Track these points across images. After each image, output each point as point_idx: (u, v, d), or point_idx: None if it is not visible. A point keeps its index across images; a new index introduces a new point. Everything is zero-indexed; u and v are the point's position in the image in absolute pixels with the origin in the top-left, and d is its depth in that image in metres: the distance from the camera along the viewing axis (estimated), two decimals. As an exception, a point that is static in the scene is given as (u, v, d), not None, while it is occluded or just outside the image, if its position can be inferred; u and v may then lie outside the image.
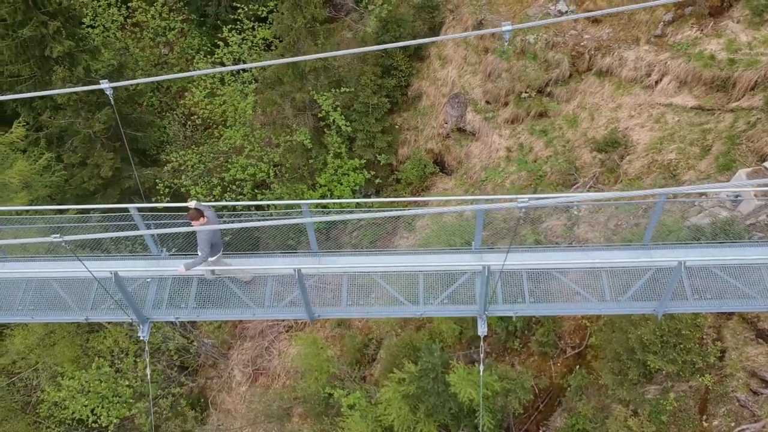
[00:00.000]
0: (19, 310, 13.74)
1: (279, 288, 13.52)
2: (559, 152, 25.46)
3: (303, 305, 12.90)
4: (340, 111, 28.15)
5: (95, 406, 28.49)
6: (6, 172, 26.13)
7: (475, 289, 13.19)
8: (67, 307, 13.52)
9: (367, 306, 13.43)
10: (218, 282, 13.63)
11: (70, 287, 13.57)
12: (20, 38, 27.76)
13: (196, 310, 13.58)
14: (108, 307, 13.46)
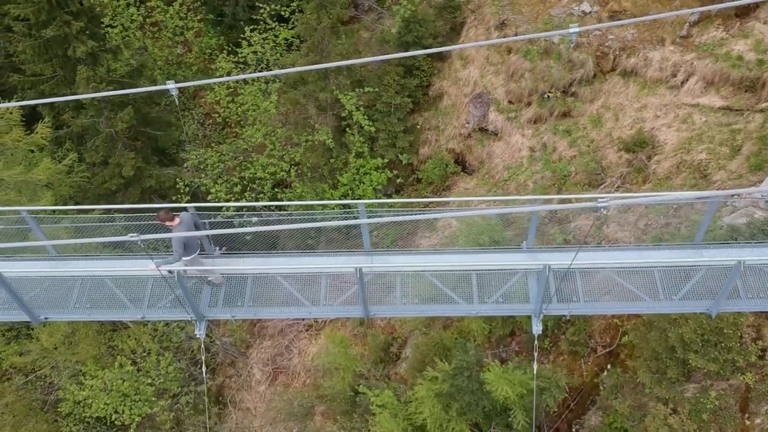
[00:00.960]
0: (76, 309, 13.85)
1: (332, 287, 13.62)
2: (584, 152, 25.59)
3: (357, 304, 13.00)
4: (363, 111, 28.26)
5: (118, 404, 28.60)
6: (32, 171, 26.21)
7: (528, 288, 13.31)
8: (124, 305, 13.63)
9: (421, 305, 13.55)
10: (272, 280, 13.75)
11: (124, 286, 13.67)
12: (43, 38, 27.83)
13: (253, 308, 13.69)
14: (164, 306, 13.57)
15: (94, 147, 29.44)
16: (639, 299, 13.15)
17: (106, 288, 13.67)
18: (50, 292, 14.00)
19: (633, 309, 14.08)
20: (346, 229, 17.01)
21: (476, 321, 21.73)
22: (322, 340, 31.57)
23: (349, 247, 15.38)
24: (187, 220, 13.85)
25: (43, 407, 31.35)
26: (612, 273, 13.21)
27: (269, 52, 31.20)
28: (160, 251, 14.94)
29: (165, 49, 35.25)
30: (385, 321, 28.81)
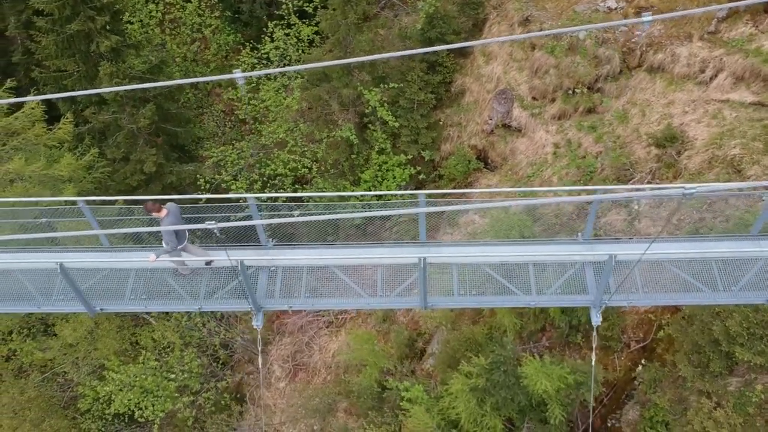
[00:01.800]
0: (131, 300, 13.83)
1: (388, 277, 13.60)
2: (610, 148, 25.58)
3: (414, 295, 12.99)
4: (387, 107, 28.25)
5: (140, 400, 28.56)
6: (54, 166, 26.15)
7: (586, 279, 13.31)
8: (180, 296, 13.61)
9: (479, 296, 13.53)
10: (328, 272, 13.74)
11: (178, 277, 13.66)
12: (66, 33, 27.78)
13: (310, 299, 13.68)
14: (221, 297, 13.56)
15: (115, 143, 29.39)
16: (698, 290, 13.15)
17: (161, 279, 13.66)
18: (105, 283, 13.99)
19: (692, 300, 14.04)
20: (363, 227, 17.00)
21: (508, 316, 21.70)
22: (343, 337, 31.56)
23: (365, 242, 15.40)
24: (174, 210, 14.10)
25: (62, 404, 31.31)
26: (670, 264, 13.20)
27: (291, 49, 31.15)
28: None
29: (183, 46, 35.20)
30: (408, 317, 28.80)
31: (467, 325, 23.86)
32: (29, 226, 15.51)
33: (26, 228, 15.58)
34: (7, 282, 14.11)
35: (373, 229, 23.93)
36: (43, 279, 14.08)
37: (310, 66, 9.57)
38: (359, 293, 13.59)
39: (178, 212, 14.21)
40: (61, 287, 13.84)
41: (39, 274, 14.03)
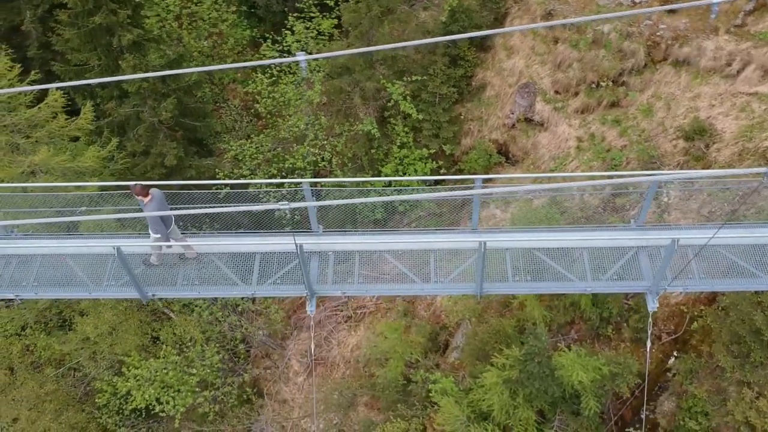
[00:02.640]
0: (183, 286, 13.80)
1: (443, 263, 13.58)
2: (635, 141, 25.57)
3: (469, 281, 12.96)
4: (409, 100, 28.22)
5: (160, 394, 28.48)
6: (78, 159, 26.08)
7: (640, 265, 13.29)
8: (233, 282, 13.57)
9: (534, 282, 13.52)
10: (380, 257, 13.72)
11: (231, 262, 13.64)
12: (88, 27, 27.71)
13: (363, 285, 13.65)
14: (274, 282, 13.52)
15: (136, 136, 29.32)
16: (755, 276, 13.13)
17: (212, 265, 13.62)
18: (157, 269, 13.95)
19: (751, 286, 13.98)
20: (383, 222, 16.97)
21: (538, 308, 21.71)
22: (362, 331, 31.54)
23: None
24: (158, 196, 14.31)
25: (78, 398, 31.24)
26: (724, 250, 13.18)
27: (311, 42, 31.12)
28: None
29: (200, 41, 35.15)
30: (430, 311, 28.77)
31: (494, 317, 23.82)
32: (68, 214, 15.50)
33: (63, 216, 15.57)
34: (58, 268, 14.06)
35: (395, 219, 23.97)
36: (94, 265, 14.05)
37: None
38: (413, 279, 13.56)
39: (162, 199, 14.49)
40: (112, 273, 13.80)
41: (89, 260, 14.00)
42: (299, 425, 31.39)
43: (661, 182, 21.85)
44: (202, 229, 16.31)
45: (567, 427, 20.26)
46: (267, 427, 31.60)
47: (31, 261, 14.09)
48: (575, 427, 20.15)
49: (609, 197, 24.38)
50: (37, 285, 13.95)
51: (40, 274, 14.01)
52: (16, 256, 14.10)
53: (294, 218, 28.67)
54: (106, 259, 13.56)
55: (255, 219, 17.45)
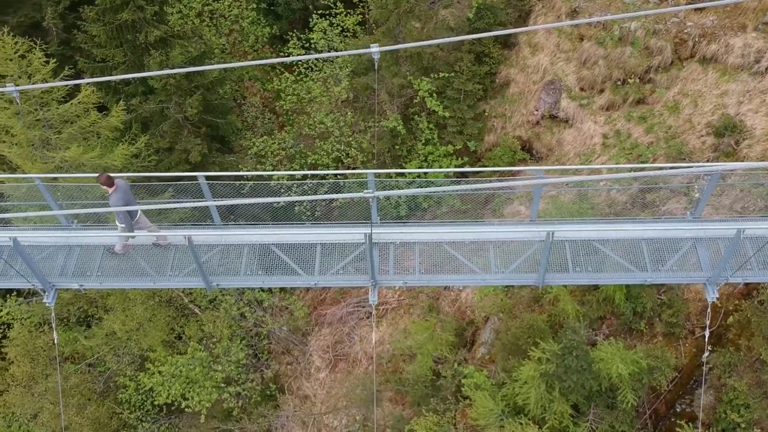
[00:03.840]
0: (247, 275, 13.94)
1: (501, 254, 13.71)
2: (661, 138, 25.72)
3: (530, 272, 13.10)
4: (435, 97, 28.38)
5: (185, 390, 28.59)
6: (107, 155, 26.19)
7: (698, 256, 13.44)
8: (294, 272, 13.71)
9: (595, 273, 13.67)
10: (438, 248, 13.85)
11: (292, 252, 13.77)
12: (114, 23, 27.84)
13: (425, 275, 13.78)
14: (337, 272, 13.66)
15: (160, 132, 29.47)
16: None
17: (273, 255, 13.75)
18: (219, 259, 14.08)
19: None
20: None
21: (571, 303, 21.85)
22: (385, 327, 31.67)
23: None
24: (123, 186, 14.71)
25: (99, 393, 31.38)
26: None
27: (336, 39, 31.26)
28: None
29: (222, 37, 35.28)
30: (455, 307, 28.89)
31: (524, 313, 23.97)
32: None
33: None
34: (121, 258, 14.19)
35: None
36: (156, 255, 14.19)
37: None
38: (473, 269, 13.70)
39: (127, 189, 14.85)
40: (175, 263, 13.94)
41: (152, 250, 14.14)
42: (321, 421, 31.51)
43: (692, 178, 22.09)
44: (227, 222, 16.58)
45: (602, 421, 20.39)
46: (288, 422, 31.73)
47: (93, 251, 14.24)
48: (610, 421, 20.29)
49: (638, 193, 24.50)
50: (101, 275, 14.10)
51: (103, 264, 14.15)
52: (78, 246, 14.25)
53: (314, 213, 28.83)
54: (168, 248, 13.70)
55: (273, 212, 17.67)
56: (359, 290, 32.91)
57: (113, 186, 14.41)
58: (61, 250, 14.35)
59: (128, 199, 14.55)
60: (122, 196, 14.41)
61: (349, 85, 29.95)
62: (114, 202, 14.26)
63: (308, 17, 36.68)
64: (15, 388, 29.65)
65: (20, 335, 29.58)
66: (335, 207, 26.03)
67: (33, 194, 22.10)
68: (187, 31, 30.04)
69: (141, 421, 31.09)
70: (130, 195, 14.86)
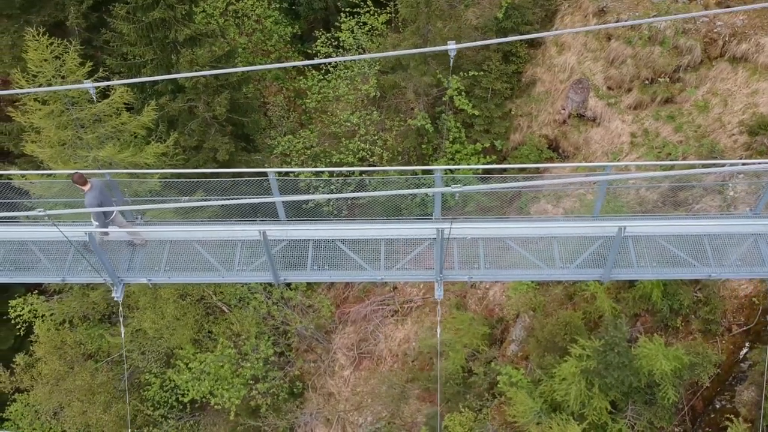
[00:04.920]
0: (314, 270, 14.08)
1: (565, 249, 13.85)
2: (691, 137, 25.88)
3: (594, 267, 13.24)
4: (464, 95, 28.52)
5: (214, 387, 28.72)
6: (139, 154, 26.30)
7: (761, 252, 13.60)
8: (360, 267, 13.86)
9: (660, 267, 13.82)
10: (499, 242, 13.99)
11: (357, 247, 13.93)
12: (144, 22, 27.93)
13: (490, 270, 13.93)
14: (403, 266, 13.80)
15: (188, 131, 29.56)
16: None
17: (337, 250, 13.89)
18: (285, 253, 14.22)
19: None
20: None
21: (607, 301, 21.98)
22: (410, 325, 31.82)
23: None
24: (98, 184, 15.18)
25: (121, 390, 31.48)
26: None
27: (363, 38, 31.39)
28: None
29: (244, 36, 35.42)
30: (482, 305, 29.03)
31: (558, 310, 24.11)
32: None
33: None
34: (188, 253, 14.33)
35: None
36: (222, 249, 14.33)
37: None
38: (537, 264, 13.85)
39: (102, 188, 15.31)
40: (242, 258, 14.08)
41: (219, 245, 14.28)
42: (346, 418, 31.65)
43: (726, 176, 22.25)
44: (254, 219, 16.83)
45: (640, 417, 20.55)
46: (311, 420, 31.89)
47: (160, 247, 14.39)
48: (648, 417, 20.46)
49: (669, 191, 24.64)
50: (169, 270, 14.25)
51: (170, 259, 14.32)
52: (147, 242, 14.39)
53: (332, 210, 28.93)
54: (235, 244, 13.86)
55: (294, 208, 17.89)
56: (383, 288, 33.06)
57: (87, 185, 14.95)
58: (126, 245, 14.49)
59: (103, 198, 15.05)
60: (97, 195, 14.93)
61: (377, 83, 30.06)
62: (89, 200, 14.77)
63: (329, 16, 36.87)
64: (43, 386, 29.74)
65: (49, 333, 29.70)
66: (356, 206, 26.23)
67: (64, 192, 22.34)
68: (216, 30, 30.08)
69: (165, 418, 31.27)
70: (106, 193, 15.35)
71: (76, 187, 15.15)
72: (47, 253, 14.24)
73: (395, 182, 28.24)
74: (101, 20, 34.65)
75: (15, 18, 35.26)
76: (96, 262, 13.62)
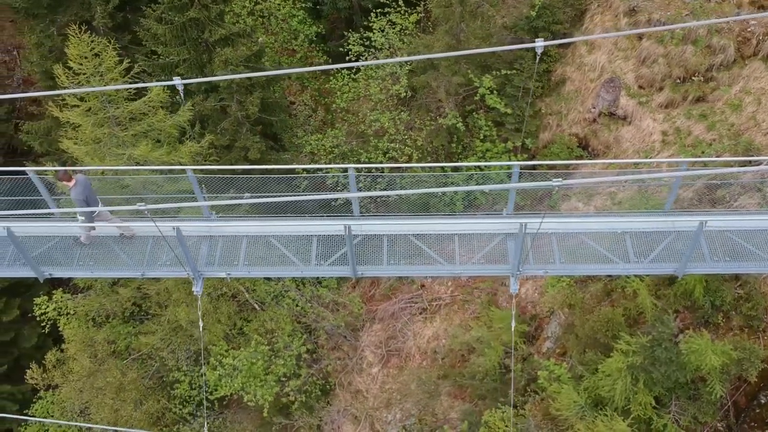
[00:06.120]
0: (391, 264, 14.28)
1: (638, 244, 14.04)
2: (724, 135, 26.09)
3: (667, 261, 13.45)
4: (496, 94, 28.71)
5: (246, 385, 28.87)
6: (174, 153, 26.47)
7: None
8: (437, 262, 14.04)
9: (732, 262, 14.02)
10: (574, 237, 14.19)
11: (432, 243, 14.13)
12: (176, 22, 28.11)
13: (565, 265, 14.12)
14: (478, 261, 13.98)
15: (221, 130, 29.74)
16: None
17: (412, 244, 14.10)
18: (360, 248, 14.40)
19: None
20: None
21: (649, 297, 22.16)
22: (438, 323, 31.98)
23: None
24: (82, 180, 15.70)
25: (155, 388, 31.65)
26: None
27: (394, 37, 31.59)
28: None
29: (271, 35, 35.62)
30: (511, 302, 29.21)
31: (595, 307, 24.31)
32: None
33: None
34: (266, 248, 14.51)
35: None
36: (299, 244, 14.53)
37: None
38: (612, 260, 14.06)
39: (87, 183, 15.82)
40: (319, 252, 14.27)
41: (294, 240, 14.47)
42: (374, 415, 31.80)
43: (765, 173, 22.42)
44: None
45: (684, 412, 20.73)
46: (339, 417, 32.04)
47: (238, 241, 14.57)
48: (693, 412, 20.64)
49: (704, 189, 24.81)
50: (248, 264, 14.44)
51: (248, 253, 14.51)
52: (221, 237, 14.58)
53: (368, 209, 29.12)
54: (311, 239, 14.05)
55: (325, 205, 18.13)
56: (410, 286, 33.26)
57: (72, 181, 15.49)
58: (204, 240, 14.67)
59: (88, 194, 15.55)
60: (82, 191, 15.46)
61: (408, 83, 30.25)
62: (74, 195, 15.38)
63: (353, 16, 37.07)
64: (74, 383, 29.84)
65: (79, 330, 29.82)
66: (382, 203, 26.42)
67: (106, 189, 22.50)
68: (247, 29, 30.27)
69: (194, 416, 31.43)
70: (90, 189, 15.87)
71: (64, 184, 15.80)
72: (123, 248, 14.42)
73: (426, 181, 28.58)
74: (126, 20, 34.87)
75: (41, 17, 35.40)
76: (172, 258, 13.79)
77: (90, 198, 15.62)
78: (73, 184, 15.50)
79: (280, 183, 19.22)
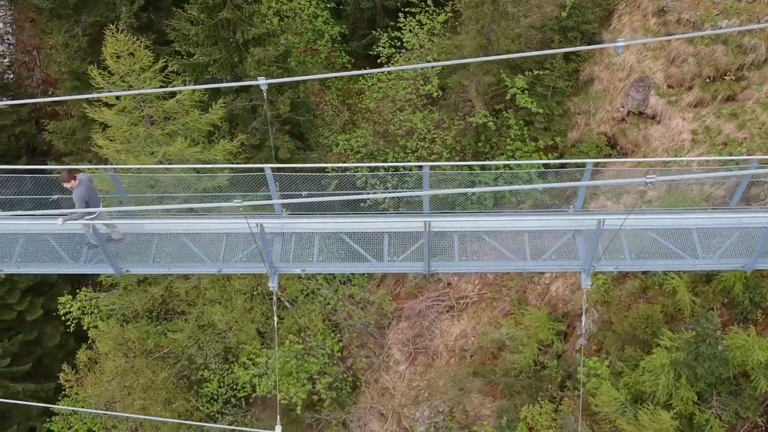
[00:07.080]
0: (462, 260, 14.45)
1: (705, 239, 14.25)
2: (755, 134, 26.30)
3: (731, 256, 13.67)
4: (526, 93, 28.91)
5: (282, 382, 29.01)
6: (208, 151, 26.63)
7: None
8: (508, 258, 14.25)
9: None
10: (643, 234, 14.38)
11: (499, 239, 14.34)
12: (207, 23, 28.28)
13: (636, 260, 14.35)
14: (548, 257, 14.19)
15: (251, 130, 29.93)
16: None
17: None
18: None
19: None
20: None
21: (688, 294, 22.36)
22: (466, 321, 32.15)
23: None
24: (85, 180, 16.02)
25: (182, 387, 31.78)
26: None
27: (424, 37, 31.78)
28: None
29: (296, 35, 35.78)
30: (543, 300, 29.41)
31: (632, 304, 24.52)
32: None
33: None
34: (339, 244, 14.71)
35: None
36: (374, 241, 14.72)
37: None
38: (682, 255, 14.28)
39: (90, 183, 16.20)
40: (390, 248, 14.45)
41: (365, 236, 14.67)
42: (402, 413, 31.95)
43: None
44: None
45: (726, 407, 20.93)
46: (365, 414, 32.22)
47: (310, 238, 14.77)
48: (734, 407, 20.84)
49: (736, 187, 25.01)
50: (322, 260, 14.65)
51: (323, 248, 14.72)
52: (295, 233, 14.78)
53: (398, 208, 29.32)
54: (383, 235, 14.24)
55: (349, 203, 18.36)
56: (437, 284, 33.45)
57: (75, 181, 15.80)
58: (276, 237, 14.86)
59: (90, 194, 15.85)
60: (85, 191, 15.77)
61: (438, 83, 30.45)
62: (77, 196, 15.61)
63: (375, 16, 37.26)
64: (107, 382, 29.93)
65: (112, 329, 29.93)
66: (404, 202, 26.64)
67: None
68: (277, 29, 30.45)
69: (222, 414, 31.56)
70: (93, 189, 16.23)
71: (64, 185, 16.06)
72: (198, 244, 14.61)
73: (454, 179, 28.78)
74: (150, 20, 35.05)
75: (67, 18, 35.55)
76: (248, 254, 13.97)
77: (92, 198, 15.91)
78: (77, 185, 15.80)
79: (306, 181, 19.46)
